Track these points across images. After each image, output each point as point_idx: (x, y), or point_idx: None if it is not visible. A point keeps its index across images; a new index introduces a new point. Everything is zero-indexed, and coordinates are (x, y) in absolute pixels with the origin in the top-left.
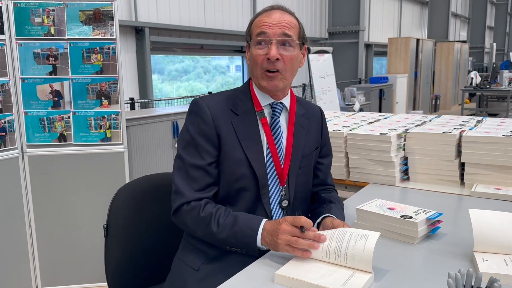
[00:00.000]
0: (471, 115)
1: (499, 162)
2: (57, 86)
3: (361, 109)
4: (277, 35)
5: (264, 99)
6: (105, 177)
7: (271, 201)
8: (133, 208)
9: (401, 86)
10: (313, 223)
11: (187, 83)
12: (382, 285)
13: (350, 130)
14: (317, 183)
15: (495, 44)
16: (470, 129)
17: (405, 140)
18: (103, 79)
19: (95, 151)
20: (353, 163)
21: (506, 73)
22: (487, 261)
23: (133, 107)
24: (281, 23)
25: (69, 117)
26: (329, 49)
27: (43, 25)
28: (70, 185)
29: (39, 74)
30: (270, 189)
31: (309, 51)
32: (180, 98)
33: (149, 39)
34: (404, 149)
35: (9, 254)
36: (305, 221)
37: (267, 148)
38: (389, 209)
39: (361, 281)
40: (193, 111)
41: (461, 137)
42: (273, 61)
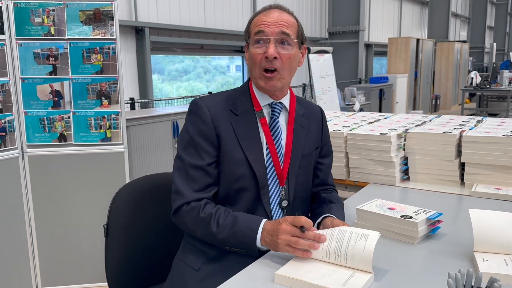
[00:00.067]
0: (471, 115)
1: (499, 162)
2: (57, 86)
3: (361, 109)
4: (275, 34)
5: (263, 99)
6: (105, 177)
7: (271, 201)
8: (133, 208)
9: (401, 86)
10: (313, 223)
11: (187, 83)
12: (382, 285)
13: (350, 130)
14: (318, 183)
15: (495, 44)
16: (470, 129)
17: (405, 140)
18: (103, 79)
19: (95, 151)
20: (353, 163)
21: (506, 73)
22: (487, 261)
23: (133, 107)
24: (279, 22)
25: (69, 117)
26: (329, 49)
27: (43, 25)
28: (70, 185)
29: (39, 74)
30: (269, 189)
31: (309, 51)
32: (180, 98)
33: (149, 39)
34: (404, 149)
35: (9, 254)
36: (305, 221)
37: (266, 148)
38: (389, 209)
39: (361, 281)
40: (193, 111)
41: (461, 137)
42: (271, 59)
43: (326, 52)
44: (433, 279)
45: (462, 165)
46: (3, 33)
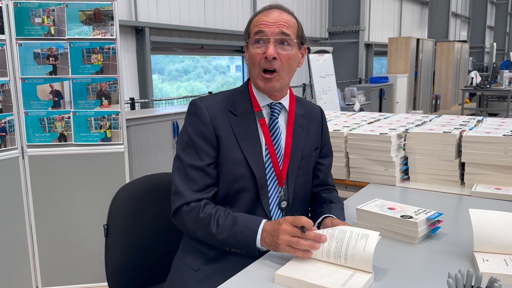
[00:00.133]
0: (471, 115)
1: (499, 162)
2: (57, 86)
3: (361, 109)
4: (275, 34)
5: (262, 100)
6: (105, 177)
7: (270, 202)
8: (133, 208)
9: (401, 86)
10: (313, 223)
11: (187, 83)
12: (382, 285)
13: (350, 130)
14: (318, 184)
15: (495, 44)
16: (470, 129)
17: (405, 140)
18: (103, 79)
19: (95, 151)
20: (353, 163)
21: (506, 73)
22: (487, 261)
23: (133, 107)
24: (279, 22)
25: (69, 117)
26: (329, 49)
27: (43, 25)
28: (70, 185)
29: (39, 74)
30: (269, 190)
31: (309, 51)
32: (180, 98)
33: (149, 39)
34: (404, 149)
35: (9, 254)
36: (305, 221)
37: (265, 149)
38: (389, 209)
39: (361, 281)
40: (192, 112)
41: (461, 137)
42: (270, 60)
43: (326, 52)
44: (433, 279)
45: (462, 165)
46: (3, 33)
